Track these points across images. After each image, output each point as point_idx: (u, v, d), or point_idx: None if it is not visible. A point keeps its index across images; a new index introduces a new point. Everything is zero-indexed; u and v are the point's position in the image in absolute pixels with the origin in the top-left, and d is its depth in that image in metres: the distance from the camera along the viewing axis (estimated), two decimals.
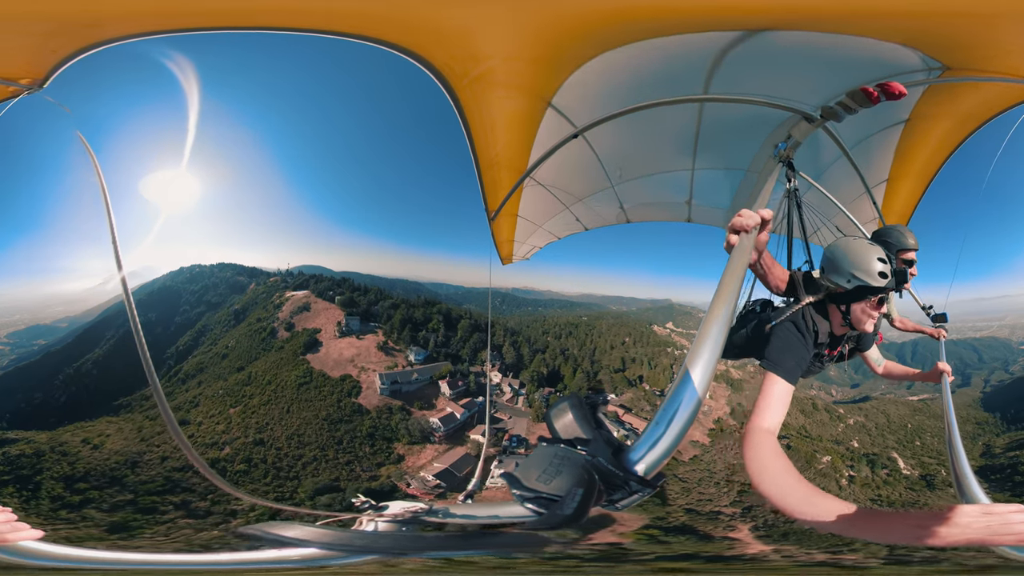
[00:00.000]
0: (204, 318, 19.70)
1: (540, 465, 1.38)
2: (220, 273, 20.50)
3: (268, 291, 20.43)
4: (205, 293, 20.10)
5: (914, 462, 16.70)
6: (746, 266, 1.85)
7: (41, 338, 19.99)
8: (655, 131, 4.88)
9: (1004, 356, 21.19)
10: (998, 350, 21.31)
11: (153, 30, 4.20)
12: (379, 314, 19.95)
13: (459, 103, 4.50)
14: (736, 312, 2.98)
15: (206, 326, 19.74)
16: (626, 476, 1.28)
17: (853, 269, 2.63)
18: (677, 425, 1.35)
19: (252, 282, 20.27)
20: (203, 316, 19.70)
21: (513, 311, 21.75)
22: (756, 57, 3.69)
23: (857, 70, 3.54)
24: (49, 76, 4.36)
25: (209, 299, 20.00)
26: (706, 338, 1.51)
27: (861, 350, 3.49)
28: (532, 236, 6.74)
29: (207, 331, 19.56)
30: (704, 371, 1.43)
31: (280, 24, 4.22)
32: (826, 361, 3.18)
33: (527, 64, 4.17)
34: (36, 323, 19.93)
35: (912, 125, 4.54)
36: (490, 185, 5.57)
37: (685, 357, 1.47)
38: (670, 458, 1.30)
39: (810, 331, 2.74)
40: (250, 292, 20.24)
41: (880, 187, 5.31)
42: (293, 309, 20.36)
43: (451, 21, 3.79)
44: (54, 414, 17.36)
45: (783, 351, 2.61)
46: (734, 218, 1.93)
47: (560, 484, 1.31)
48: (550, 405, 1.53)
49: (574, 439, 1.39)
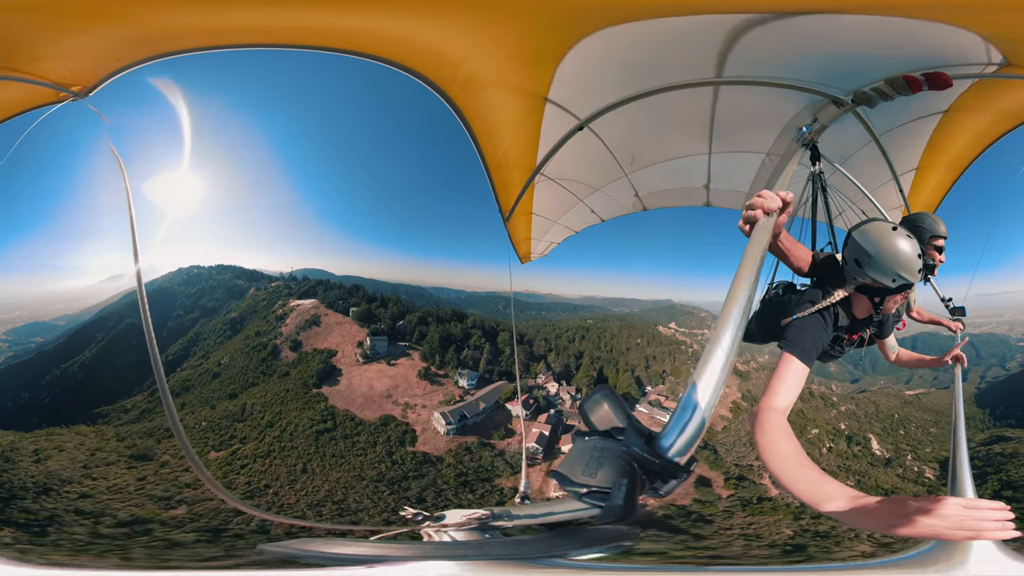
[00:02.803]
0: (198, 325, 18.55)
1: (582, 460, 1.38)
2: (218, 276, 19.41)
3: (269, 297, 18.95)
4: (201, 297, 19.01)
5: (890, 446, 18.28)
6: (766, 248, 1.85)
7: (40, 335, 19.89)
8: (665, 116, 4.87)
9: (1002, 352, 22.17)
10: (996, 346, 22.27)
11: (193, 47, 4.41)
12: (406, 331, 18.39)
13: (457, 108, 4.61)
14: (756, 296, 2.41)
15: (199, 334, 18.49)
16: (662, 463, 1.30)
17: (899, 269, 2.63)
18: (702, 409, 1.37)
19: (252, 286, 19.04)
20: (197, 323, 18.57)
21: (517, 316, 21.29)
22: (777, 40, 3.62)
23: (899, 57, 3.47)
24: (97, 85, 4.61)
25: (205, 304, 18.88)
26: (726, 322, 1.51)
27: (881, 337, 3.37)
28: (549, 232, 6.70)
29: (200, 340, 18.32)
30: (725, 354, 1.45)
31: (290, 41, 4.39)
32: (846, 346, 3.07)
33: (505, 62, 4.20)
34: (35, 320, 19.82)
35: (949, 116, 4.57)
36: (501, 186, 5.57)
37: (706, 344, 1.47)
38: (700, 440, 1.30)
39: (831, 314, 2.75)
40: (249, 298, 18.93)
41: (908, 175, 5.38)
42: (299, 323, 18.60)
43: (414, 31, 3.93)
44: (37, 415, 16.72)
45: (801, 331, 2.61)
46: (753, 198, 1.91)
47: (605, 476, 1.33)
48: (583, 398, 1.65)
49: (610, 429, 1.42)
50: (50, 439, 14.11)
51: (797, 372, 2.42)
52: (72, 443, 13.45)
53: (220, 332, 18.52)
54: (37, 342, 19.89)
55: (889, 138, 4.78)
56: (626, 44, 3.83)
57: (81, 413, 16.65)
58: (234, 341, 18.24)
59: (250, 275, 19.67)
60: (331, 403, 15.81)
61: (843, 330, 2.90)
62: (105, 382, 17.53)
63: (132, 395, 16.78)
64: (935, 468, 17.37)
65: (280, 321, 18.77)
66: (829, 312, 2.76)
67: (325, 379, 16.40)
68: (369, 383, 16.52)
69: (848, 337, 3.01)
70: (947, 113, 4.50)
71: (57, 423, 15.39)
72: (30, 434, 14.39)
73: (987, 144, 4.87)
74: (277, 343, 18.29)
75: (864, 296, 2.82)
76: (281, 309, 18.63)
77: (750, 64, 3.77)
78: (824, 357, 3.12)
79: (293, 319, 18.78)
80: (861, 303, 2.88)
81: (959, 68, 3.43)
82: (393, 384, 16.66)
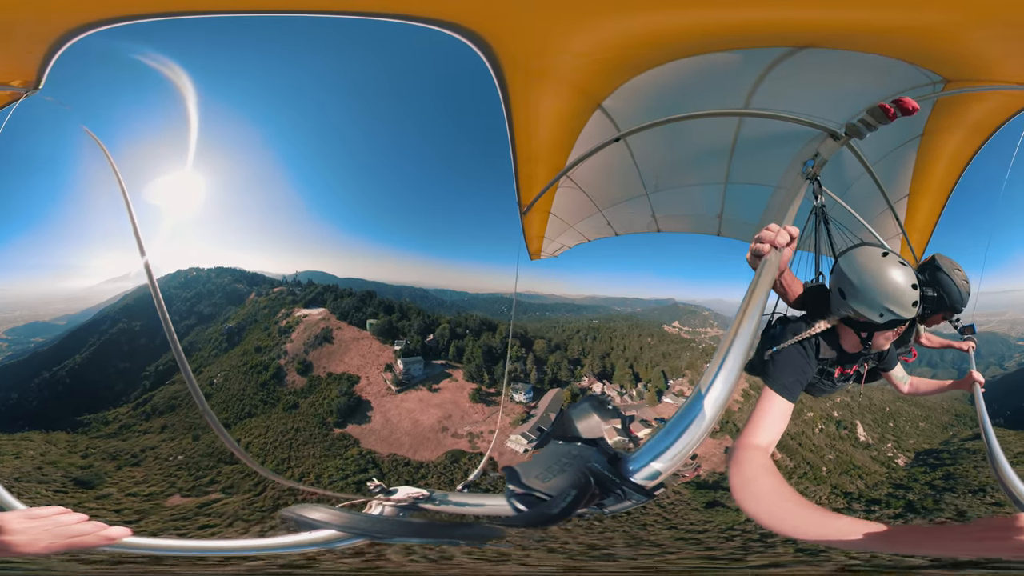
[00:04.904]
0: (193, 332, 17.47)
1: (545, 463, 1.40)
2: (217, 279, 18.37)
3: (271, 304, 17.54)
4: (198, 302, 17.95)
5: (876, 434, 20.32)
6: (772, 282, 1.85)
7: (39, 335, 19.68)
8: (694, 143, 5.20)
9: (1001, 351, 23.08)
10: (996, 345, 22.95)
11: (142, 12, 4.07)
12: (438, 347, 16.75)
13: (507, 94, 4.54)
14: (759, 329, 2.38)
15: (194, 343, 17.37)
16: (622, 483, 1.31)
17: (887, 302, 2.43)
18: (685, 440, 1.34)
19: (252, 291, 17.79)
20: (192, 330, 17.52)
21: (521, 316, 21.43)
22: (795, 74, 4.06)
23: (873, 87, 3.88)
24: (41, 76, 4.36)
25: (201, 309, 17.80)
26: (727, 355, 1.49)
27: (884, 370, 3.22)
28: (562, 235, 6.66)
29: (193, 351, 17.22)
30: (721, 390, 1.42)
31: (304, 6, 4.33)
32: (838, 381, 3.00)
33: (591, 63, 4.31)
34: (35, 320, 19.54)
35: (927, 139, 4.92)
36: (525, 179, 5.61)
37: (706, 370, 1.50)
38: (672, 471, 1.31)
39: (812, 346, 2.68)
40: (249, 304, 17.67)
41: (902, 202, 5.67)
42: (308, 338, 16.90)
43: (533, 12, 3.99)
44: (24, 417, 16.12)
45: (782, 365, 2.56)
46: (763, 231, 1.92)
47: (557, 484, 1.34)
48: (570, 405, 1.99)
49: (585, 440, 1.45)
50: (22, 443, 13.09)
51: (779, 408, 2.31)
52: (35, 450, 12.31)
53: (216, 343, 17.21)
54: (36, 342, 19.43)
55: (881, 167, 4.94)
56: (686, 70, 4.10)
57: (64, 419, 15.91)
58: (230, 355, 16.79)
59: (251, 278, 18.50)
60: (365, 446, 13.28)
61: (829, 363, 2.77)
62: (92, 389, 16.72)
63: (117, 405, 15.85)
64: (909, 456, 19.17)
65: (284, 335, 17.21)
66: (810, 344, 2.64)
67: (350, 416, 13.71)
68: (412, 417, 14.06)
69: (841, 372, 2.88)
70: (924, 136, 4.75)
71: (40, 427, 14.80)
72: (14, 436, 13.54)
73: (967, 161, 5.08)
74: (281, 363, 16.28)
75: (851, 329, 2.64)
76: (285, 320, 17.14)
77: (772, 98, 4.10)
78: (813, 391, 3.03)
79: (300, 333, 17.16)
80: (849, 336, 2.70)
81: (917, 91, 3.73)
82: (444, 414, 14.37)
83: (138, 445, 12.87)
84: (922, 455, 18.94)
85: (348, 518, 1.80)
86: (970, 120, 4.73)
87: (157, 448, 12.72)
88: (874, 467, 18.85)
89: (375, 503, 2.33)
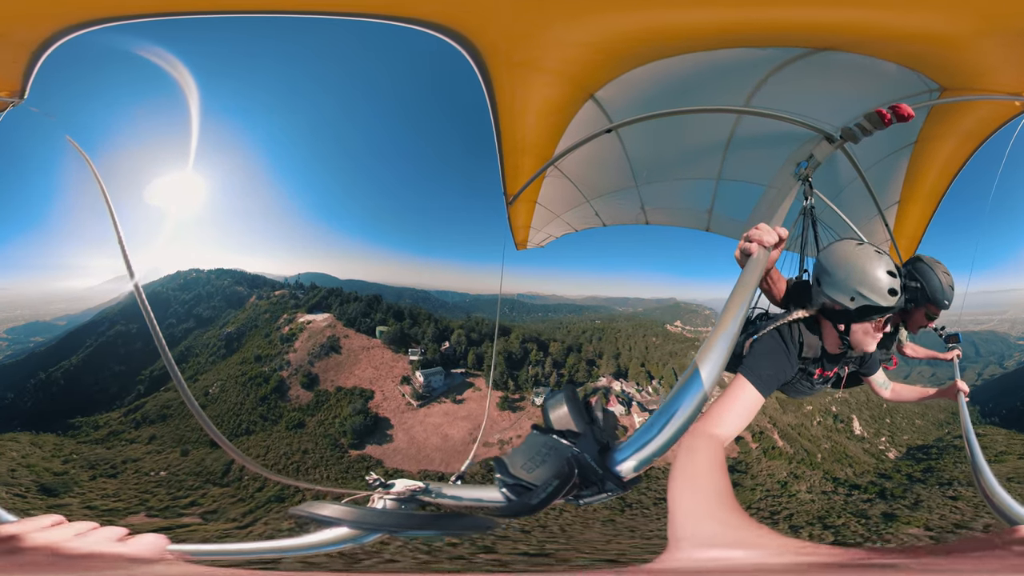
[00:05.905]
0: (191, 336, 16.97)
1: (528, 453, 1.29)
2: (217, 281, 17.89)
3: (273, 309, 16.93)
4: (197, 304, 17.45)
5: (871, 429, 21.59)
6: (759, 281, 1.83)
7: (39, 335, 19.74)
8: (688, 137, 5.01)
9: (1001, 351, 23.18)
10: (996, 344, 23.27)
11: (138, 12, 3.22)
12: (455, 354, 16.14)
13: (491, 85, 4.07)
14: None
15: (191, 348, 16.82)
16: (605, 475, 1.20)
17: (858, 285, 2.37)
18: (668, 431, 1.26)
19: (253, 294, 17.24)
20: (190, 334, 17.01)
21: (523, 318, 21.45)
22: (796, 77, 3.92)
23: (869, 92, 3.81)
24: (26, 85, 3.64)
25: (201, 312, 17.31)
26: (712, 350, 1.39)
27: (865, 374, 3.12)
28: (549, 225, 6.18)
29: (190, 356, 16.67)
30: (706, 381, 1.33)
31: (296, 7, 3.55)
32: (817, 383, 2.87)
33: (585, 52, 3.94)
34: (36, 319, 19.49)
35: (920, 147, 4.86)
36: (511, 170, 5.08)
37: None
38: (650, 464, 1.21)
39: (795, 342, 2.55)
40: (249, 307, 17.10)
41: (892, 209, 5.59)
42: (312, 347, 16.02)
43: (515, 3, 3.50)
44: (17, 417, 15.95)
45: (760, 356, 2.42)
46: (751, 230, 1.85)
47: (541, 474, 1.26)
48: (546, 396, 1.25)
49: (566, 431, 1.29)
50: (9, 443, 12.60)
51: (750, 399, 2.17)
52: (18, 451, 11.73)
53: (214, 349, 16.55)
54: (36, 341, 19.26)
55: (873, 173, 4.98)
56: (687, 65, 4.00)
57: (56, 421, 15.60)
58: (228, 363, 16.10)
59: (251, 280, 17.92)
60: (391, 467, 12.55)
61: (811, 363, 2.71)
62: (86, 391, 16.37)
63: (110, 409, 15.38)
64: (900, 450, 19.71)
65: (287, 343, 16.37)
66: (792, 340, 2.55)
67: (368, 436, 12.82)
68: (440, 431, 13.40)
69: (821, 373, 2.78)
70: (917, 143, 4.83)
71: (31, 428, 14.42)
72: (3, 436, 13.23)
73: (957, 169, 5.10)
74: (283, 375, 15.31)
75: (830, 323, 2.57)
76: (288, 326, 16.40)
77: (771, 98, 4.08)
78: (790, 391, 2.96)
79: (304, 342, 16.34)
80: (829, 333, 2.60)
81: (914, 99, 3.76)
82: (474, 425, 13.76)
83: (121, 456, 12.22)
84: (913, 450, 19.56)
85: (360, 513, 1.48)
86: (963, 128, 4.70)
87: (140, 460, 11.99)
88: (865, 458, 19.90)
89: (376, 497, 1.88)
